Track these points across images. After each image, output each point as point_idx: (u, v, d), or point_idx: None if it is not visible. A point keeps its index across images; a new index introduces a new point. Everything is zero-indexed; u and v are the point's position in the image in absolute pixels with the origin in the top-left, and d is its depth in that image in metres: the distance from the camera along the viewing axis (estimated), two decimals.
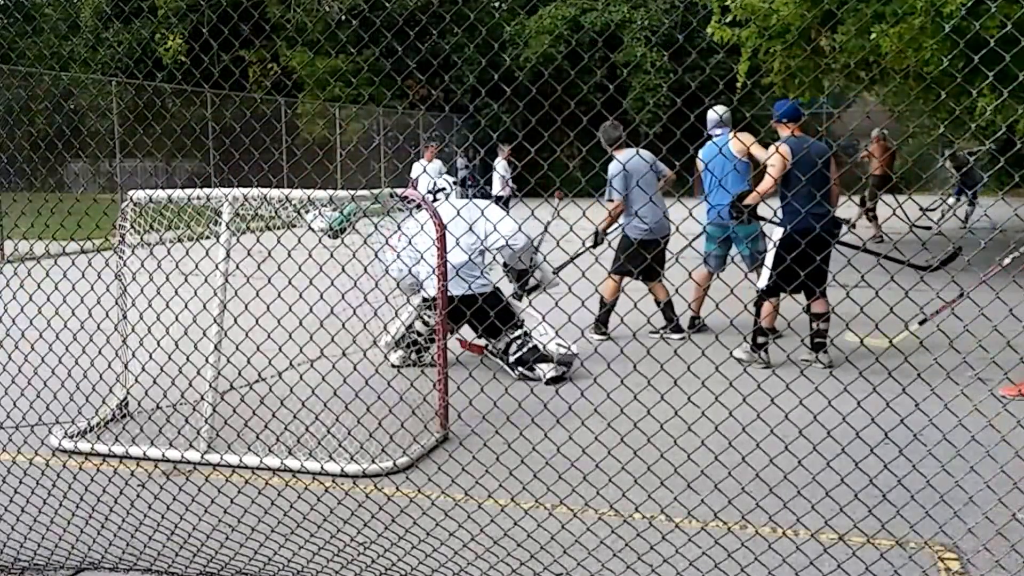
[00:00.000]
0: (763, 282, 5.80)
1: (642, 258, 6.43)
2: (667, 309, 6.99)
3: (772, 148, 5.84)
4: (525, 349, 5.76)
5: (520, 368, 5.72)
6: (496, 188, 16.15)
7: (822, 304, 5.79)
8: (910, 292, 2.68)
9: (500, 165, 16.03)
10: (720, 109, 6.99)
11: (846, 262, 2.69)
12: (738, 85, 11.12)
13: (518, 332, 5.84)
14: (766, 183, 5.87)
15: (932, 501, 2.92)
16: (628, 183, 6.78)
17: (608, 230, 7.00)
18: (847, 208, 14.04)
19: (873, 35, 8.63)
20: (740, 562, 2.75)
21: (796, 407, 2.97)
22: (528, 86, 3.45)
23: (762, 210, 6.07)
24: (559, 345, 5.78)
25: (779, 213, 5.89)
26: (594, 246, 6.59)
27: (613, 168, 6.81)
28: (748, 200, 5.88)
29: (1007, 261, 6.19)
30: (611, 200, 6.89)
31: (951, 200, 14.73)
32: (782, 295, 5.95)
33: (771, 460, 2.81)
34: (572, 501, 3.25)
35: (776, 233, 5.74)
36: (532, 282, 6.35)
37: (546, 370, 5.67)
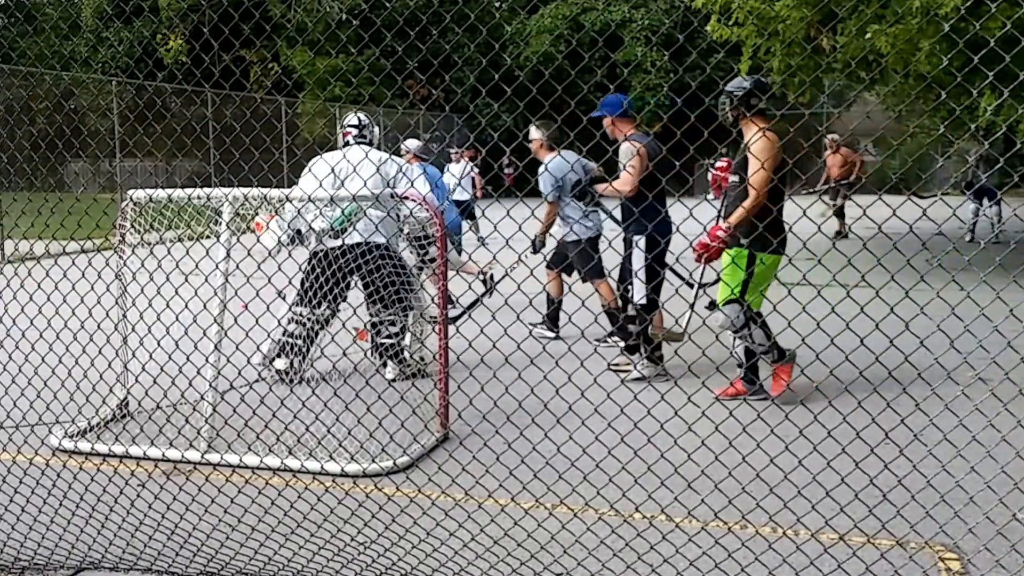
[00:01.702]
0: (639, 295, 5.56)
1: (590, 256, 6.41)
2: (612, 313, 6.96)
3: (627, 145, 5.48)
4: (391, 341, 5.57)
5: (375, 356, 5.58)
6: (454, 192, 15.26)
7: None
8: (910, 292, 2.68)
9: (456, 168, 14.71)
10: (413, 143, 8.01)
11: (846, 261, 2.69)
12: None
13: (399, 319, 5.56)
14: (625, 183, 5.47)
15: (932, 501, 2.92)
16: (564, 186, 6.80)
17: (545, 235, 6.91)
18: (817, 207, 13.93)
19: (869, 35, 8.63)
20: (740, 562, 2.75)
21: (796, 407, 2.97)
22: (528, 86, 3.44)
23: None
24: (415, 354, 5.64)
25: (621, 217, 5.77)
26: (534, 252, 6.62)
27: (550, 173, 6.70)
28: (601, 188, 5.58)
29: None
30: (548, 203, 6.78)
31: (982, 208, 14.21)
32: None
33: (771, 460, 2.81)
34: (572, 501, 3.25)
35: (639, 240, 5.54)
36: (432, 253, 6.12)
37: (386, 372, 5.56)
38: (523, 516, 3.19)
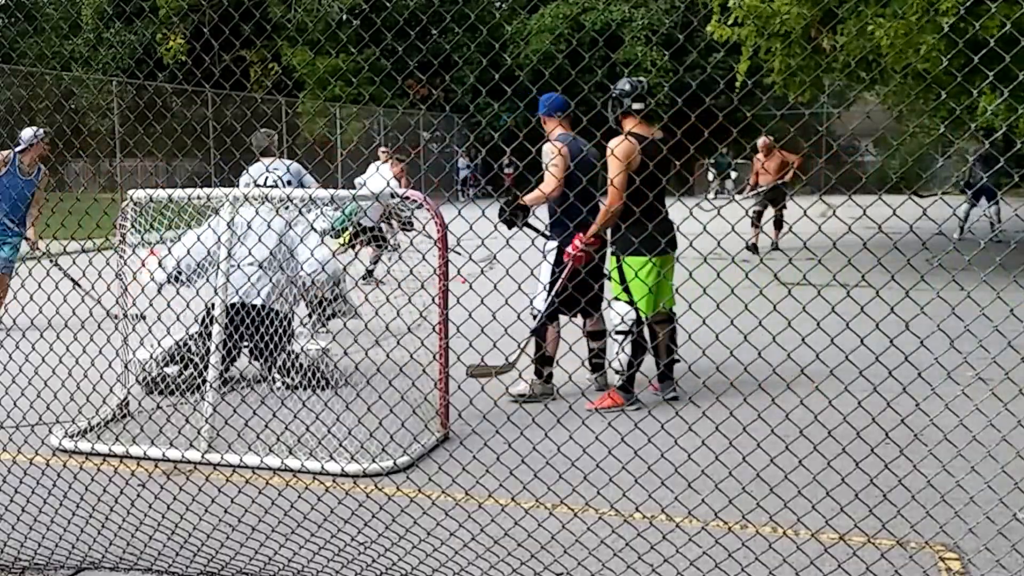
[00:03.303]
0: (541, 303, 5.04)
1: None
2: None
3: (548, 146, 4.95)
4: (297, 365, 5.17)
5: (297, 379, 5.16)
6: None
7: (598, 323, 5.19)
8: (910, 292, 2.68)
9: (384, 169, 12.39)
10: (27, 132, 7.88)
11: (846, 261, 2.69)
12: (737, 84, 11.12)
13: (292, 349, 5.20)
14: (549, 184, 4.94)
15: (933, 501, 2.92)
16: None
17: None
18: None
19: (871, 28, 8.63)
20: (740, 562, 2.75)
21: (797, 407, 2.97)
22: (528, 86, 3.45)
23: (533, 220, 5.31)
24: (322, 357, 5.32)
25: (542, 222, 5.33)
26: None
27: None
28: (529, 200, 5.08)
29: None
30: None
31: (983, 208, 14.06)
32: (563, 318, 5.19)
33: (772, 460, 2.81)
34: (572, 501, 3.25)
35: (549, 247, 5.10)
36: (332, 310, 5.83)
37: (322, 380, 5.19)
38: (523, 516, 3.19)
